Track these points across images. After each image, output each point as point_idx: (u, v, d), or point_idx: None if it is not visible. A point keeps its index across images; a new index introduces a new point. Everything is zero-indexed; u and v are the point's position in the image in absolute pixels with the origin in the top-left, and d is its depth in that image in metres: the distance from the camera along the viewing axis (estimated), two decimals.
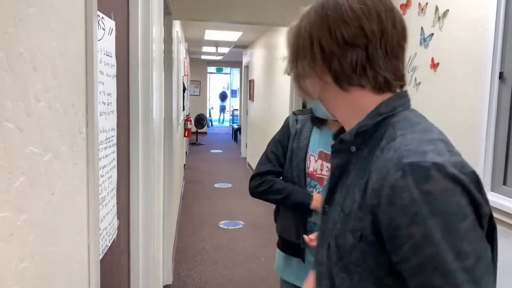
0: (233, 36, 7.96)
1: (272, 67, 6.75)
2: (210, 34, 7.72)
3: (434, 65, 2.31)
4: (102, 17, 1.14)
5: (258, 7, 3.86)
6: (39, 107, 0.58)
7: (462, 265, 0.64)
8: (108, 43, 1.23)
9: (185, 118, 6.90)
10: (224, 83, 18.93)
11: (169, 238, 3.37)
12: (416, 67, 2.48)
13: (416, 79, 2.48)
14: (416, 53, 2.47)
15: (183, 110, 6.09)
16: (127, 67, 1.53)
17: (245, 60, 10.59)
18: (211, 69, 16.46)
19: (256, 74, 8.63)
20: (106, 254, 1.23)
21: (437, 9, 2.30)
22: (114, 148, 1.33)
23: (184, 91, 6.33)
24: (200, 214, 5.45)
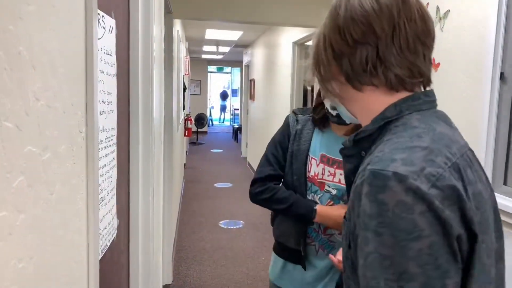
0: (233, 35, 7.96)
1: (273, 66, 6.75)
2: (211, 33, 7.72)
3: (435, 65, 2.31)
4: (102, 16, 1.14)
5: (259, 7, 3.85)
6: (38, 106, 0.58)
7: (402, 286, 0.61)
8: (108, 41, 1.22)
9: (186, 117, 6.89)
10: (225, 82, 18.94)
11: (169, 237, 3.37)
12: None
13: None
14: None
15: (183, 109, 6.09)
16: (127, 66, 1.52)
17: (245, 60, 10.59)
18: (212, 68, 16.46)
19: (257, 74, 8.62)
20: (105, 254, 1.22)
21: (438, 10, 2.29)
22: (114, 147, 1.32)
23: (184, 90, 6.32)
24: (200, 213, 5.45)
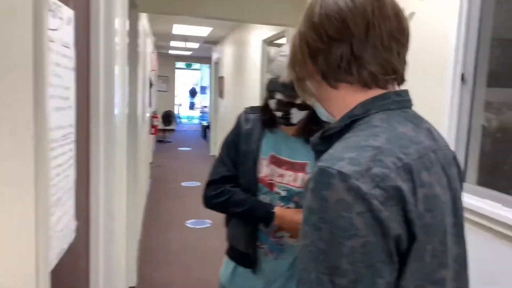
0: (202, 31, 7.87)
1: (243, 64, 6.72)
2: (179, 29, 7.60)
3: None
4: (59, 6, 1.07)
5: (229, 2, 3.80)
6: None
7: (333, 280, 0.63)
8: (65, 33, 1.15)
9: (152, 114, 6.76)
10: (194, 79, 18.75)
11: (133, 238, 3.29)
12: None
13: None
14: None
15: (149, 106, 5.97)
16: (87, 60, 1.45)
17: (215, 56, 10.51)
18: (180, 64, 16.25)
19: (226, 71, 8.57)
20: (63, 258, 1.16)
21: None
22: (72, 145, 1.25)
23: (150, 87, 6.20)
24: (167, 213, 5.36)
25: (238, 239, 1.52)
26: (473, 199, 1.84)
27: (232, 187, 1.51)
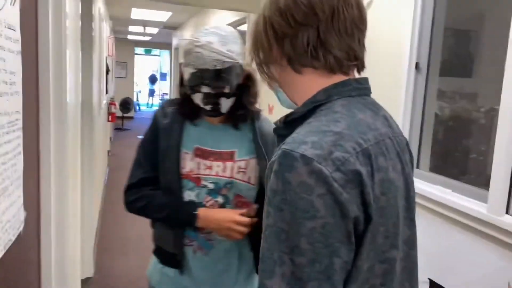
0: (162, 16, 7.70)
1: None
2: (137, 13, 7.40)
3: None
4: None
5: None
6: None
7: (293, 259, 0.65)
8: (9, 14, 1.09)
9: (109, 101, 6.57)
10: (153, 65, 18.36)
11: (89, 228, 3.21)
12: None
13: None
14: None
15: (106, 93, 5.79)
16: (35, 44, 1.38)
17: (175, 42, 10.32)
18: (139, 50, 15.85)
19: None
20: (10, 250, 1.11)
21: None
22: (20, 132, 1.19)
23: (107, 73, 6.01)
24: None
25: (166, 239, 1.45)
26: (425, 185, 1.91)
27: (153, 189, 1.42)
